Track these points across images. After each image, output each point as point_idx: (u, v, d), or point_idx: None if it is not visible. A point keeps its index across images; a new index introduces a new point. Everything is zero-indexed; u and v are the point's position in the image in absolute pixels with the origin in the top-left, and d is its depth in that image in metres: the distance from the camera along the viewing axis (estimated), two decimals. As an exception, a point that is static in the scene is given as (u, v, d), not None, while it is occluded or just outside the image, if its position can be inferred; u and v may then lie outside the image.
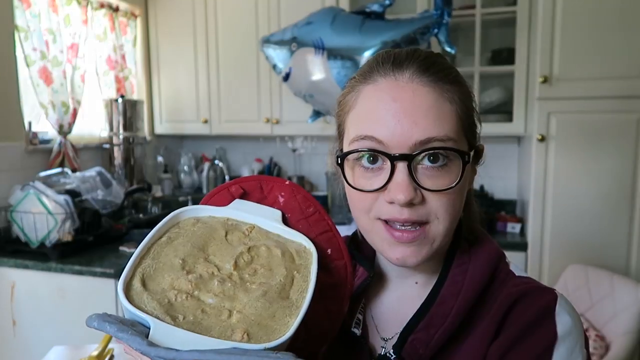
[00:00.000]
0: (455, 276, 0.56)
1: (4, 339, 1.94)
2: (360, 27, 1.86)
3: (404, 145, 0.50)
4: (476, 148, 0.57)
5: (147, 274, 0.47)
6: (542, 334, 0.51)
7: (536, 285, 0.55)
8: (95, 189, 2.11)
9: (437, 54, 0.57)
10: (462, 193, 0.54)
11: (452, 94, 0.53)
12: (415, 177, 0.51)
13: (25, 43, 2.11)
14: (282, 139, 2.90)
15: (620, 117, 1.95)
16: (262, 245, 0.53)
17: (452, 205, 0.52)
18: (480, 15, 2.29)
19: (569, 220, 2.04)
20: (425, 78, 0.52)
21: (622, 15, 1.90)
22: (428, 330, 0.53)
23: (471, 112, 0.55)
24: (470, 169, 0.55)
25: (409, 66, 0.53)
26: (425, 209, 0.52)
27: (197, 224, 0.53)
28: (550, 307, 0.52)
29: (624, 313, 1.73)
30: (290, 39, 2.00)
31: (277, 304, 0.47)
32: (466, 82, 0.57)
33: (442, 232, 0.53)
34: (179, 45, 2.83)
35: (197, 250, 0.50)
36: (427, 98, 0.51)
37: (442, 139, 0.50)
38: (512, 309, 0.53)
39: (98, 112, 2.63)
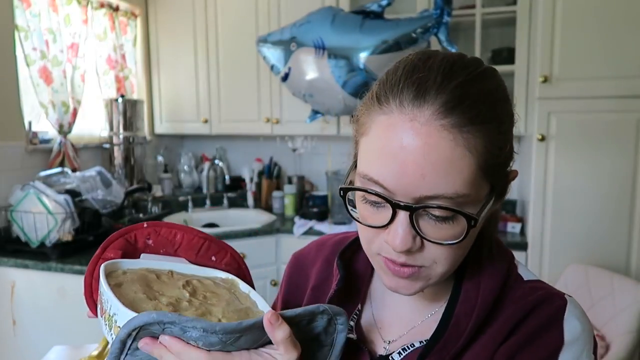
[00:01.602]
0: (469, 292, 0.55)
1: (4, 339, 1.94)
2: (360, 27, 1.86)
3: (408, 197, 0.47)
4: (503, 185, 0.52)
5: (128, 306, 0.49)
6: (548, 338, 0.51)
7: (546, 293, 0.54)
8: (96, 188, 2.11)
9: (480, 73, 0.49)
10: (469, 241, 0.52)
11: (475, 141, 0.46)
12: (417, 225, 0.48)
13: (25, 43, 2.11)
14: (282, 139, 2.90)
15: (621, 117, 1.95)
16: (193, 279, 0.58)
17: (454, 255, 0.50)
18: (481, 14, 2.29)
19: (569, 220, 2.04)
20: (447, 121, 0.45)
21: (622, 15, 1.90)
22: (441, 353, 0.53)
23: (500, 153, 0.49)
24: (489, 209, 0.51)
25: (432, 102, 0.46)
26: (423, 256, 0.50)
27: (127, 273, 0.56)
28: (559, 312, 0.52)
29: (624, 313, 1.73)
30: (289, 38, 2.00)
31: (243, 308, 0.54)
32: (506, 111, 0.50)
33: (440, 274, 0.52)
34: (179, 45, 2.83)
35: (148, 288, 0.54)
36: (441, 149, 0.45)
37: (451, 196, 0.46)
38: (523, 320, 0.52)
39: (98, 111, 2.63)
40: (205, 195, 2.90)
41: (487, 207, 0.49)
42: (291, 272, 0.72)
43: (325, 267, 0.68)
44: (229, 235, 2.36)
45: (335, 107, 2.05)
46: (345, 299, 0.62)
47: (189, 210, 2.79)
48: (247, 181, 2.92)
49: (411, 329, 0.59)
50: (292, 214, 2.72)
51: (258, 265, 2.42)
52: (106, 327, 0.50)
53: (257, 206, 2.92)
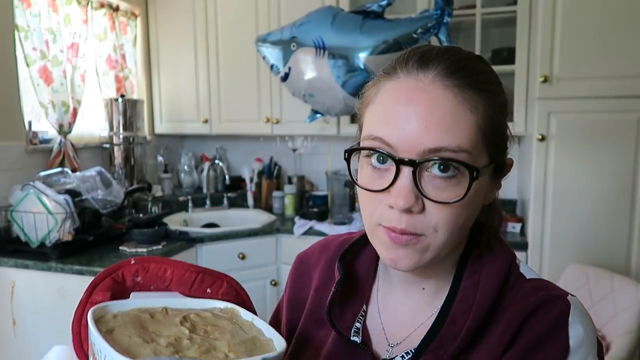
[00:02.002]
0: (467, 290, 0.55)
1: (4, 339, 1.94)
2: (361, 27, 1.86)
3: (412, 151, 0.48)
4: (500, 162, 0.54)
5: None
6: (554, 347, 0.49)
7: (548, 294, 0.53)
8: (96, 188, 2.11)
9: (476, 56, 0.54)
10: (469, 208, 0.51)
11: (476, 103, 0.49)
12: (420, 185, 0.49)
13: (26, 42, 2.11)
14: (282, 139, 2.90)
15: (621, 116, 1.95)
16: (190, 314, 0.54)
17: (454, 220, 0.50)
18: (481, 14, 2.29)
19: (569, 220, 2.04)
20: (449, 82, 0.49)
21: (622, 15, 1.90)
22: (437, 352, 0.52)
23: (498, 124, 0.52)
24: (488, 183, 0.53)
25: (435, 67, 0.50)
26: (424, 220, 0.50)
27: (118, 317, 0.51)
28: (563, 318, 0.51)
29: (624, 313, 1.73)
30: (289, 38, 2.00)
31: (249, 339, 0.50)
32: (502, 93, 0.53)
33: (438, 245, 0.51)
34: (179, 44, 2.83)
35: (143, 330, 0.49)
36: (444, 104, 0.48)
37: (454, 149, 0.48)
38: (526, 321, 0.51)
39: (98, 111, 2.63)
40: (205, 195, 2.90)
41: (480, 180, 0.50)
42: (295, 273, 0.72)
43: (328, 268, 0.67)
44: (229, 235, 2.36)
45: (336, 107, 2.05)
46: (346, 301, 0.62)
47: (189, 210, 2.79)
48: (247, 181, 2.93)
49: (413, 332, 0.58)
50: (292, 214, 2.72)
51: (258, 265, 2.42)
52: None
53: (257, 206, 2.92)
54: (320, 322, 0.62)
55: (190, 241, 2.25)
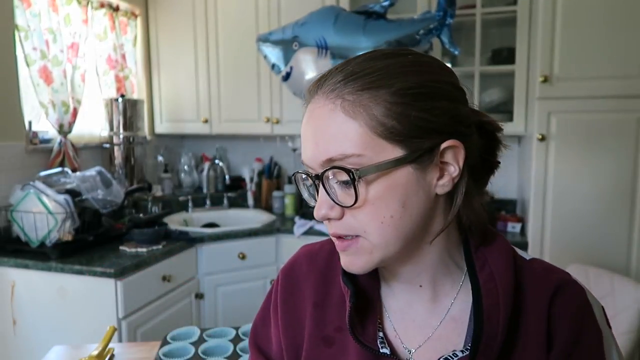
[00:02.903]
0: (487, 284, 0.55)
1: (4, 338, 1.94)
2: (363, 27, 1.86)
3: (316, 166, 0.53)
4: (426, 148, 0.51)
5: None
6: (591, 335, 0.54)
7: (559, 275, 0.57)
8: (96, 188, 2.11)
9: (371, 56, 0.54)
10: (391, 202, 0.51)
11: (357, 106, 0.50)
12: (331, 194, 0.52)
13: (26, 42, 2.10)
14: (283, 139, 2.90)
15: (621, 116, 1.95)
16: None
17: (375, 219, 0.51)
18: (481, 14, 2.30)
19: (569, 219, 2.04)
20: (333, 94, 0.52)
21: (622, 15, 1.90)
22: (486, 354, 0.53)
23: (403, 114, 0.50)
24: (414, 173, 0.51)
25: (324, 84, 0.53)
26: (346, 224, 0.53)
27: None
28: (586, 302, 0.56)
29: (624, 313, 1.73)
30: (291, 37, 1.99)
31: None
32: (408, 77, 0.51)
33: (378, 243, 0.53)
34: (179, 44, 2.82)
35: None
36: (326, 117, 0.51)
37: (339, 157, 0.50)
38: (553, 304, 0.55)
39: (98, 111, 2.63)
40: (206, 195, 2.90)
41: (395, 170, 0.50)
42: (284, 291, 0.67)
43: (322, 281, 0.65)
44: (229, 235, 2.36)
45: (336, 107, 2.05)
46: (363, 313, 0.60)
47: (189, 210, 2.79)
48: (247, 181, 2.92)
49: (433, 334, 0.58)
50: (292, 214, 2.72)
51: (258, 265, 2.42)
52: None
53: (257, 206, 2.92)
54: (328, 340, 0.61)
55: (190, 241, 2.25)
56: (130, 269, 1.85)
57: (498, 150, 0.61)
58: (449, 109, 0.52)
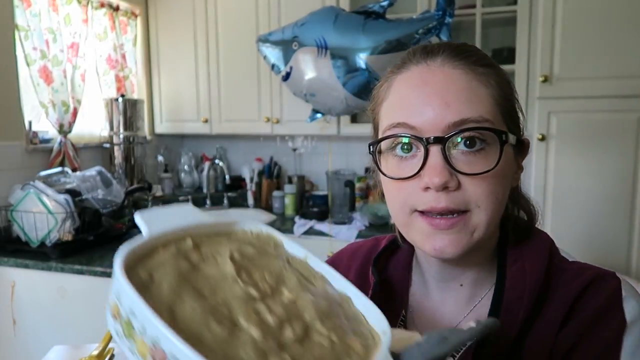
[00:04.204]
0: (515, 277, 0.54)
1: (4, 338, 1.94)
2: (363, 27, 1.86)
3: (437, 129, 0.49)
4: (519, 138, 0.54)
5: None
6: (611, 321, 0.50)
7: (596, 272, 0.54)
8: (96, 188, 2.11)
9: (471, 45, 0.57)
10: (503, 180, 0.51)
11: (487, 77, 0.52)
12: (451, 161, 0.48)
13: (26, 42, 2.10)
14: (283, 139, 2.90)
15: (621, 116, 1.95)
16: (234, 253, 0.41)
17: (493, 192, 0.49)
18: (481, 14, 2.30)
19: (569, 219, 2.04)
20: (458, 62, 0.52)
21: (622, 15, 1.90)
22: (497, 343, 0.52)
23: (510, 97, 0.54)
24: (512, 157, 0.53)
25: (441, 53, 0.53)
26: (463, 196, 0.49)
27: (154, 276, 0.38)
28: (617, 293, 0.52)
29: (624, 313, 1.73)
30: (291, 38, 1.99)
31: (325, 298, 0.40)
32: (503, 71, 0.56)
33: (485, 222, 0.50)
34: (179, 44, 2.82)
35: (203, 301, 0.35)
36: (459, 80, 0.50)
37: (477, 119, 0.48)
38: (580, 298, 0.52)
39: (98, 111, 2.63)
40: (206, 195, 2.90)
41: (509, 147, 0.51)
42: None
43: (359, 275, 0.66)
44: (229, 235, 2.36)
45: (337, 107, 2.05)
46: (384, 306, 0.60)
47: (189, 210, 2.78)
48: (247, 181, 2.92)
49: (457, 326, 0.57)
50: (293, 214, 2.72)
51: (258, 265, 2.41)
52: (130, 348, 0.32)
53: (257, 206, 2.92)
54: None
55: (190, 241, 2.25)
56: (131, 269, 1.84)
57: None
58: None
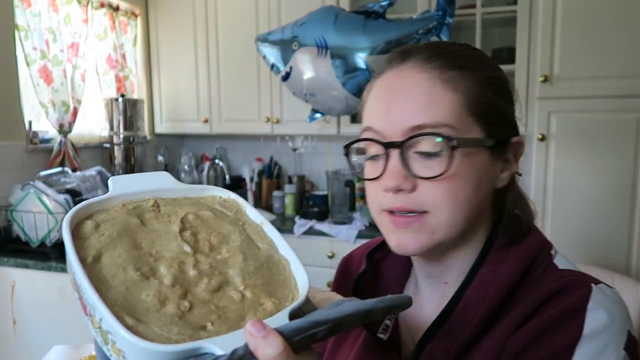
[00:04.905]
0: (484, 276, 0.53)
1: (4, 338, 1.94)
2: (363, 27, 1.86)
3: (397, 134, 0.51)
4: (502, 139, 0.53)
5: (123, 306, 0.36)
6: (566, 329, 0.47)
7: (571, 280, 0.50)
8: (96, 188, 2.11)
9: (460, 43, 0.57)
10: (467, 183, 0.51)
11: (455, 81, 0.51)
12: (408, 165, 0.51)
13: (26, 42, 2.10)
14: (283, 139, 2.90)
15: (621, 116, 1.95)
16: (188, 214, 0.45)
17: (451, 195, 0.50)
18: (481, 14, 2.29)
19: (569, 219, 2.04)
20: (426, 65, 0.52)
21: (622, 14, 1.90)
22: (448, 338, 0.51)
23: (489, 100, 0.53)
24: (486, 158, 0.52)
25: (414, 56, 0.53)
26: (418, 198, 0.51)
27: (101, 226, 0.42)
28: (582, 302, 0.48)
29: (624, 312, 1.73)
30: (291, 37, 2.00)
31: (264, 261, 0.43)
32: (491, 71, 0.55)
33: (446, 223, 0.51)
34: (179, 44, 2.82)
35: (136, 251, 0.40)
36: (422, 85, 0.51)
37: (434, 125, 0.50)
38: (544, 304, 0.49)
39: (98, 111, 2.63)
40: (206, 195, 2.90)
41: (478, 151, 0.52)
42: (339, 276, 0.73)
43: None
44: (229, 235, 2.36)
45: (337, 107, 2.05)
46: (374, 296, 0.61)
47: (189, 210, 2.78)
48: (247, 181, 2.92)
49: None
50: (293, 214, 2.72)
51: (258, 265, 2.41)
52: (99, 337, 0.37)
53: (257, 206, 2.92)
54: None
55: (190, 241, 2.25)
56: (131, 269, 1.84)
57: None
58: (515, 108, 0.57)
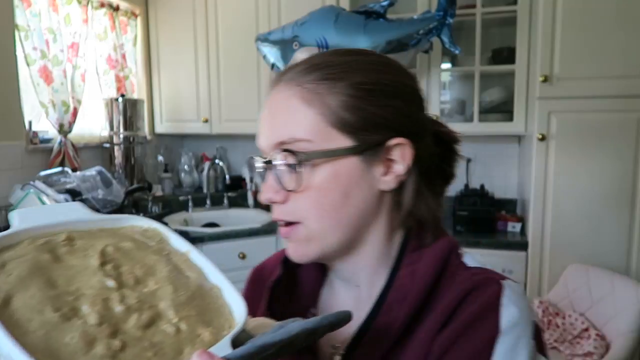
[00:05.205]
0: (403, 279, 0.54)
1: (4, 338, 1.94)
2: (364, 27, 1.86)
3: (266, 151, 0.55)
4: (374, 143, 0.53)
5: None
6: (483, 328, 0.49)
7: (485, 276, 0.53)
8: (96, 188, 2.11)
9: (335, 51, 0.56)
10: (334, 191, 0.52)
11: (315, 94, 0.52)
12: (279, 178, 0.53)
13: (26, 42, 2.10)
14: (283, 139, 2.89)
15: (621, 116, 1.95)
16: (107, 247, 0.41)
17: (317, 205, 0.52)
18: (481, 14, 2.29)
19: (569, 219, 2.04)
20: (293, 82, 0.53)
21: (622, 14, 1.90)
22: (374, 343, 0.52)
23: (353, 106, 0.52)
24: (360, 165, 0.52)
25: (286, 74, 0.55)
26: (290, 209, 0.54)
27: (7, 266, 0.37)
28: (495, 299, 0.51)
29: (624, 313, 1.73)
30: (291, 37, 2.00)
31: (195, 290, 0.41)
32: (364, 74, 0.53)
33: (317, 233, 0.53)
34: (179, 44, 2.82)
35: (52, 290, 0.35)
36: (283, 102, 0.53)
37: (290, 141, 0.52)
38: (460, 304, 0.51)
39: (98, 111, 2.63)
40: (206, 194, 2.90)
41: (343, 159, 0.52)
42: (251, 286, 0.70)
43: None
44: (229, 235, 2.36)
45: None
46: (289, 303, 0.61)
47: (189, 210, 2.79)
48: (247, 181, 2.92)
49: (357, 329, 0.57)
50: (292, 214, 2.72)
51: (258, 265, 2.42)
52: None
53: (257, 206, 2.92)
54: None
55: (190, 241, 2.24)
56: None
57: (455, 161, 0.62)
58: (401, 108, 0.54)
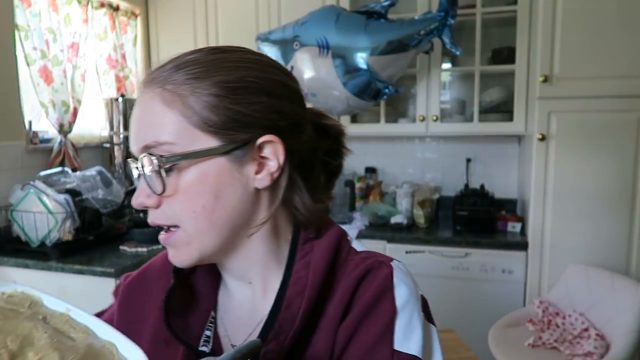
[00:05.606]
0: (299, 272, 0.55)
1: (4, 338, 1.94)
2: (364, 27, 1.86)
3: (137, 155, 0.53)
4: (242, 142, 0.52)
5: None
6: (383, 310, 0.52)
7: (373, 261, 0.55)
8: (96, 188, 2.11)
9: (198, 50, 0.55)
10: (203, 193, 0.52)
11: (175, 95, 0.51)
12: (149, 182, 0.52)
13: (26, 42, 2.10)
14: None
15: (621, 116, 1.95)
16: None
17: (188, 208, 0.52)
18: (481, 14, 2.29)
19: (569, 219, 2.04)
20: (156, 84, 0.53)
21: (622, 14, 1.90)
22: (278, 339, 0.52)
23: (217, 105, 0.51)
24: (229, 165, 0.52)
25: (151, 76, 0.54)
26: (164, 213, 0.53)
27: None
28: (388, 281, 0.53)
29: (624, 313, 1.73)
30: (292, 37, 1.99)
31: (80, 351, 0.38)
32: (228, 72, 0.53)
33: (194, 235, 0.53)
34: (179, 44, 2.82)
35: None
36: (146, 106, 0.53)
37: (153, 145, 0.51)
38: (356, 290, 0.53)
39: (98, 111, 2.63)
40: (206, 194, 2.90)
41: (210, 160, 0.51)
42: (125, 302, 0.65)
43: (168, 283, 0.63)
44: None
45: (338, 107, 2.05)
46: (188, 310, 0.60)
47: (189, 209, 2.78)
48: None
49: (254, 330, 0.57)
50: (292, 214, 2.72)
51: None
52: None
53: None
54: (169, 341, 0.57)
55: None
56: (131, 269, 1.84)
57: (342, 154, 0.62)
58: (269, 104, 0.53)
